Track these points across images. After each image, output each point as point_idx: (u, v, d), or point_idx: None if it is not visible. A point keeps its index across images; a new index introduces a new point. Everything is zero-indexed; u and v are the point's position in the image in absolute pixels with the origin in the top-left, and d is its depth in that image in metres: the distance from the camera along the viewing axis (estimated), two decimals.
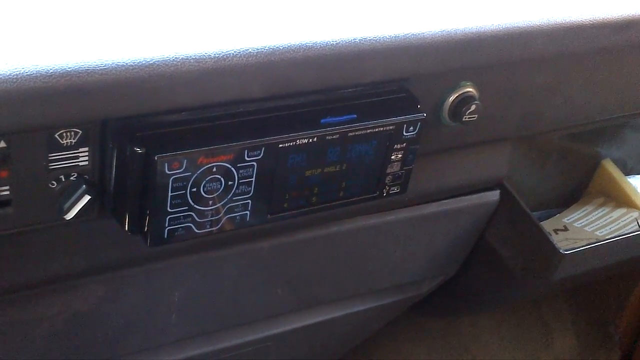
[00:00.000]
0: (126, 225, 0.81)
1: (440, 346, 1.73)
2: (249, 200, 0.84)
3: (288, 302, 1.15)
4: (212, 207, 0.82)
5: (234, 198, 0.83)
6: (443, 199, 1.15)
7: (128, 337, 1.02)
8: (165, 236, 0.81)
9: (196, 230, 0.82)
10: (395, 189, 0.94)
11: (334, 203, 0.90)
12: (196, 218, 0.82)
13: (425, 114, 0.90)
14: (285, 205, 0.87)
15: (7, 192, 0.75)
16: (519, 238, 1.22)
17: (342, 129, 0.85)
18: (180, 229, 0.81)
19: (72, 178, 0.78)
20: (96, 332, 0.99)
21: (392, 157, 0.91)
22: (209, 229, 0.83)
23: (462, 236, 1.24)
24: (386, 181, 0.92)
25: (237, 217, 0.84)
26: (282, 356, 1.29)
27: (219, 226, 0.84)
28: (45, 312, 0.92)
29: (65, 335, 0.96)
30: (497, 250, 1.26)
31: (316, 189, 0.88)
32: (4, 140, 0.72)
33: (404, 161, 0.92)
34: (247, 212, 0.85)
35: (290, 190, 0.86)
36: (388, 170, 0.92)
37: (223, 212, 0.83)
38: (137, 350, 1.05)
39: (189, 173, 0.78)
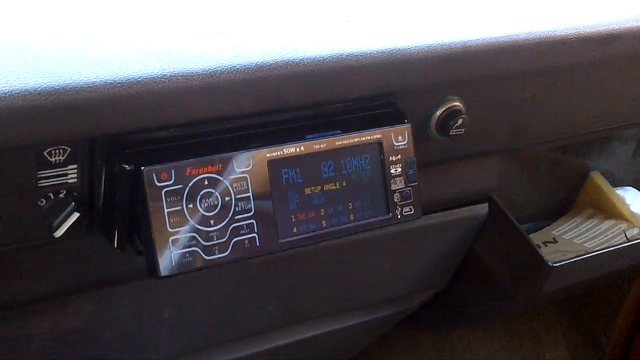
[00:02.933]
0: (115, 243, 0.81)
1: (431, 359, 1.73)
2: (253, 221, 0.82)
3: (279, 318, 1.15)
4: (216, 228, 0.80)
5: (237, 217, 0.81)
6: (432, 212, 1.15)
7: (118, 354, 1.02)
8: (173, 263, 0.78)
9: (205, 256, 0.80)
10: (408, 210, 0.93)
11: (346, 226, 0.88)
12: (201, 240, 0.80)
13: (410, 124, 0.91)
14: (295, 229, 0.85)
15: None
16: (508, 251, 1.23)
17: (328, 139, 0.86)
18: (187, 254, 0.79)
19: (61, 195, 0.78)
20: (86, 349, 0.98)
21: (392, 172, 0.91)
22: (219, 255, 0.80)
23: (452, 249, 1.24)
24: (395, 199, 0.91)
25: (246, 242, 0.82)
26: None
27: (228, 252, 0.81)
28: (35, 329, 0.92)
29: (56, 352, 0.95)
30: (487, 262, 1.26)
31: (322, 210, 0.87)
32: None
33: (406, 176, 0.92)
34: (255, 235, 0.83)
35: (295, 211, 0.85)
36: (392, 187, 0.91)
37: (228, 234, 0.81)
38: None
39: (180, 185, 0.78)
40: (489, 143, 1.09)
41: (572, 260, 1.21)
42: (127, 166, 0.77)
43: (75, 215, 0.79)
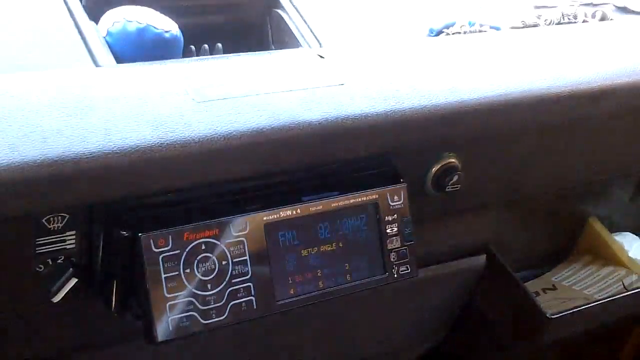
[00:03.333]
0: (113, 307, 0.82)
1: None
2: (250, 284, 0.83)
3: None
4: (213, 292, 0.81)
5: (233, 281, 0.82)
6: (429, 265, 1.16)
7: None
8: (171, 328, 0.78)
9: (202, 320, 0.80)
10: (405, 269, 0.93)
11: (343, 286, 0.89)
12: (198, 305, 0.80)
13: (406, 183, 0.92)
14: (292, 291, 0.86)
15: None
16: (506, 302, 1.23)
17: (325, 200, 0.87)
18: (184, 319, 0.79)
19: (59, 261, 0.79)
20: None
21: (388, 232, 0.91)
22: (216, 319, 0.81)
23: (450, 301, 1.24)
24: (392, 259, 0.92)
25: (243, 304, 0.82)
26: None
27: (225, 315, 0.81)
28: None
29: None
30: (485, 314, 1.26)
31: (319, 271, 0.87)
32: None
33: (402, 235, 0.92)
34: (252, 297, 0.83)
35: (292, 273, 0.85)
36: (389, 247, 0.92)
37: (226, 297, 0.81)
38: None
39: (178, 251, 0.79)
40: (486, 197, 1.10)
41: (569, 311, 1.21)
42: (124, 232, 0.77)
43: (74, 280, 0.79)
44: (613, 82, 1.03)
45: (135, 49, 0.96)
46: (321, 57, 0.92)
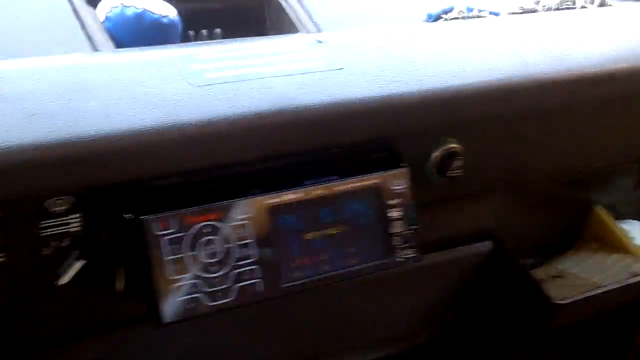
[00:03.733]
0: (118, 290, 0.83)
1: None
2: (255, 266, 0.83)
3: (282, 358, 1.15)
4: (218, 274, 0.81)
5: (238, 263, 0.82)
6: (434, 251, 1.16)
7: None
8: (176, 309, 0.79)
9: (208, 302, 0.81)
10: (409, 253, 0.93)
11: (347, 270, 0.89)
12: (204, 287, 0.81)
13: (407, 167, 0.92)
14: (297, 274, 0.86)
15: (3, 259, 0.77)
16: (512, 288, 1.23)
17: (327, 184, 0.88)
18: (190, 300, 0.80)
19: (64, 244, 0.80)
20: None
21: (391, 215, 0.92)
22: (222, 301, 0.82)
23: (455, 287, 1.24)
24: (395, 243, 0.92)
25: (248, 287, 0.83)
26: None
27: (231, 297, 0.82)
28: None
29: None
30: (490, 301, 1.26)
31: (323, 255, 0.88)
32: None
33: (405, 219, 0.93)
34: (257, 280, 0.84)
35: (296, 256, 0.86)
36: (393, 230, 0.92)
37: (231, 279, 0.82)
38: None
39: (181, 234, 0.80)
40: (488, 182, 1.10)
41: (576, 297, 1.21)
42: (127, 215, 0.79)
43: (79, 263, 0.80)
44: (614, 66, 1.03)
45: (133, 34, 0.96)
46: (320, 42, 0.93)
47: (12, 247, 0.77)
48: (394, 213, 0.92)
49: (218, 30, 1.08)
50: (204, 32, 1.08)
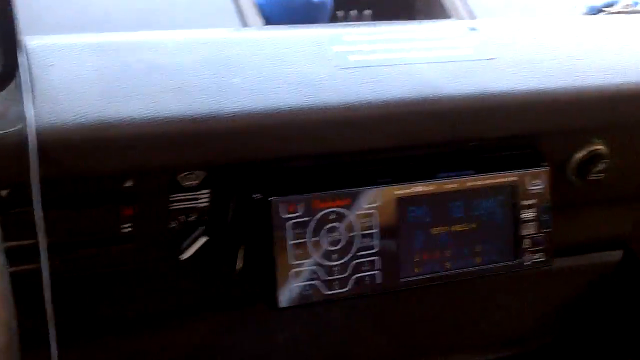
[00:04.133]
0: (238, 269, 0.81)
1: None
2: (376, 258, 0.81)
3: (390, 351, 1.12)
4: (337, 263, 0.79)
5: (359, 253, 0.80)
6: (562, 256, 1.10)
7: None
8: (293, 295, 0.78)
9: (324, 291, 0.79)
10: (538, 257, 0.89)
11: (470, 269, 0.86)
12: (322, 275, 0.79)
13: (549, 167, 0.87)
14: (417, 269, 0.83)
15: (130, 229, 0.76)
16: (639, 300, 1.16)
17: (460, 179, 0.84)
18: (307, 287, 0.78)
19: (191, 219, 0.78)
20: None
21: (524, 216, 0.87)
22: (338, 290, 0.79)
23: (579, 295, 1.18)
24: (524, 246, 0.88)
25: (367, 278, 0.81)
26: None
27: (348, 287, 0.80)
28: (155, 345, 0.93)
29: None
30: (617, 313, 1.19)
31: (447, 251, 0.84)
32: (132, 180, 0.73)
33: (539, 222, 0.88)
34: (376, 272, 0.81)
35: (418, 250, 0.83)
36: (523, 232, 0.87)
37: (350, 269, 0.80)
38: None
39: (307, 218, 0.77)
40: (629, 189, 1.03)
41: None
42: (255, 195, 0.77)
43: (204, 239, 0.79)
44: None
45: (284, 12, 0.95)
46: (472, 29, 0.88)
47: (141, 219, 0.76)
48: (528, 214, 0.88)
49: (367, 12, 1.05)
50: (353, 13, 1.05)
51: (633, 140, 0.95)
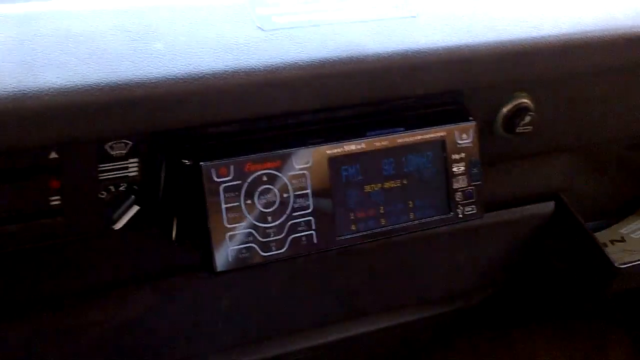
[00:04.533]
0: (173, 236, 0.81)
1: (492, 357, 1.70)
2: (311, 218, 0.81)
3: (335, 312, 1.14)
4: (273, 224, 0.80)
5: (294, 214, 0.81)
6: (496, 210, 1.13)
7: (174, 345, 1.02)
8: (230, 258, 0.78)
9: (261, 253, 0.79)
10: (470, 210, 0.91)
11: (405, 224, 0.87)
12: (258, 237, 0.79)
13: (476, 121, 0.89)
14: (353, 227, 0.84)
15: (58, 202, 0.76)
16: (574, 251, 1.19)
17: (390, 136, 0.85)
18: (244, 250, 0.79)
19: (121, 188, 0.78)
20: (143, 340, 0.99)
21: (455, 170, 0.89)
22: (275, 252, 0.80)
23: (515, 247, 1.21)
24: (457, 199, 0.89)
25: (303, 238, 0.82)
26: None
27: (285, 248, 0.81)
28: (94, 319, 0.92)
29: (112, 342, 0.96)
30: (552, 262, 1.23)
31: (382, 208, 0.85)
32: (56, 151, 0.73)
33: (469, 175, 0.90)
34: (312, 232, 0.82)
35: (353, 209, 0.84)
36: (455, 186, 0.89)
37: (286, 230, 0.81)
38: (183, 358, 1.06)
39: (239, 181, 0.78)
40: (557, 141, 1.06)
41: (637, 262, 1.17)
42: (186, 161, 0.77)
43: (135, 208, 0.79)
44: None
45: None
46: None
47: (69, 191, 0.75)
48: (458, 168, 0.89)
49: None
50: None
51: (557, 92, 0.97)
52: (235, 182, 0.77)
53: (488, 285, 1.29)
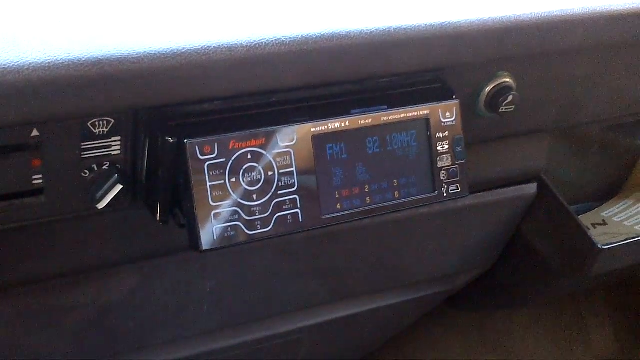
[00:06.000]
0: (157, 215, 0.81)
1: (474, 341, 1.71)
2: (296, 196, 0.81)
3: (321, 294, 1.14)
4: (258, 203, 0.79)
5: (279, 192, 0.80)
6: (479, 192, 1.13)
7: (159, 326, 1.02)
8: (215, 237, 0.77)
9: (247, 231, 0.79)
10: (455, 188, 0.91)
11: (390, 203, 0.87)
12: (243, 215, 0.79)
13: (459, 100, 0.89)
14: (339, 205, 0.84)
15: (40, 181, 0.75)
16: (556, 232, 1.20)
17: (375, 114, 0.85)
18: (229, 228, 0.78)
19: (104, 167, 0.78)
20: (127, 321, 0.99)
21: (439, 149, 0.89)
22: (261, 230, 0.80)
23: (498, 229, 1.22)
24: (442, 178, 0.89)
25: (289, 217, 0.81)
26: (314, 348, 1.28)
27: (270, 227, 0.80)
28: (78, 300, 0.92)
29: (97, 323, 0.96)
30: (534, 244, 1.23)
31: (367, 186, 0.85)
32: (37, 129, 0.72)
33: (453, 154, 0.90)
34: (298, 210, 0.82)
35: (338, 187, 0.84)
36: (439, 164, 0.89)
37: (271, 209, 0.80)
38: (168, 340, 1.05)
39: (224, 159, 0.77)
40: (539, 121, 1.06)
41: (621, 243, 1.18)
42: (170, 139, 0.76)
43: (119, 187, 0.78)
44: None
45: None
46: None
47: (51, 170, 0.75)
48: (442, 147, 0.89)
49: None
50: None
51: (539, 72, 0.98)
52: (219, 160, 0.77)
53: (472, 268, 1.29)
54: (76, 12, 0.72)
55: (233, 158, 0.78)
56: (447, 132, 0.89)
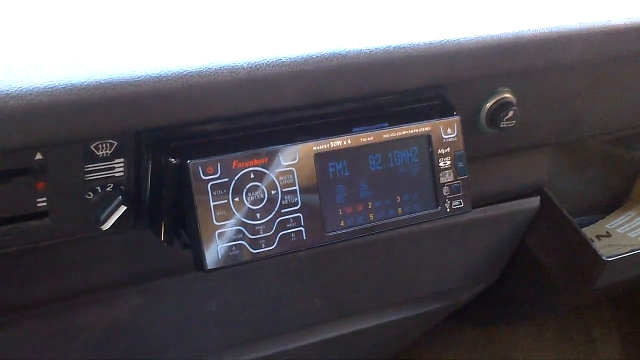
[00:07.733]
0: (162, 236, 0.81)
1: (480, 354, 1.71)
2: (300, 214, 0.82)
3: (325, 312, 1.14)
4: (262, 221, 0.80)
5: (283, 211, 0.81)
6: (482, 206, 1.13)
7: (165, 347, 1.02)
8: (220, 256, 0.78)
9: (251, 250, 0.79)
10: (458, 204, 0.91)
11: (394, 220, 0.87)
12: (247, 234, 0.79)
13: (459, 116, 0.89)
14: (342, 222, 0.84)
15: (44, 204, 0.76)
16: (560, 245, 1.20)
17: (376, 132, 0.85)
18: (234, 247, 0.79)
19: (108, 189, 0.78)
20: (133, 342, 0.99)
21: (441, 165, 0.89)
22: (265, 249, 0.80)
23: (502, 243, 1.22)
24: (444, 193, 0.90)
25: (293, 235, 0.82)
26: None
27: (274, 245, 0.81)
28: (83, 322, 0.92)
29: (103, 344, 0.96)
30: (538, 257, 1.23)
31: (370, 203, 0.86)
32: (41, 152, 0.72)
33: (455, 169, 0.90)
34: (302, 228, 0.82)
35: (342, 204, 0.84)
36: (441, 180, 0.90)
37: (275, 227, 0.81)
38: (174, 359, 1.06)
39: (227, 179, 0.78)
40: (541, 135, 1.07)
41: (625, 254, 1.18)
42: (173, 160, 0.77)
43: (122, 208, 0.79)
44: None
45: None
46: None
47: (55, 192, 0.75)
48: (444, 163, 0.90)
49: None
50: None
51: (539, 87, 0.98)
52: (222, 180, 0.78)
53: (476, 282, 1.29)
54: (76, 36, 0.73)
55: (236, 178, 0.78)
56: (448, 148, 0.90)
